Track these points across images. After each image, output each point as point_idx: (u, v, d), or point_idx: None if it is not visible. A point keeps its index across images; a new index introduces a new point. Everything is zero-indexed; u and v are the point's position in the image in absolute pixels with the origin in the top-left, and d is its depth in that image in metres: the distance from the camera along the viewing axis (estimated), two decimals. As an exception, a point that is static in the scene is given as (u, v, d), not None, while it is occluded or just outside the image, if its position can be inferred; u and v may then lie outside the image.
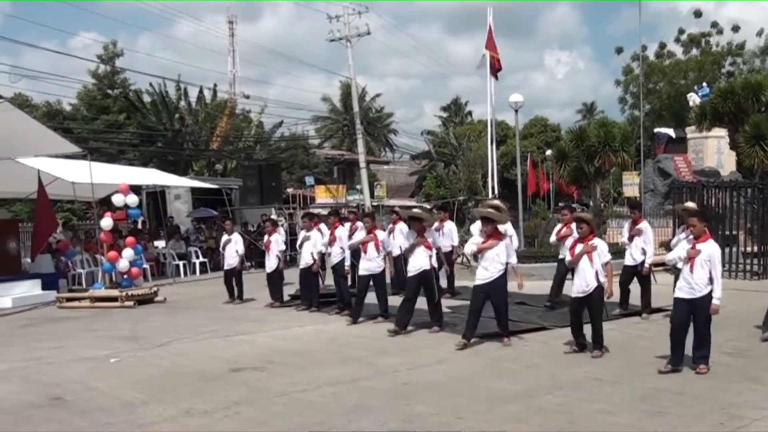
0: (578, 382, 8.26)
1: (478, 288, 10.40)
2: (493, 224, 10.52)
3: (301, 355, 10.36)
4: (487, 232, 10.45)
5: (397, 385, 8.40)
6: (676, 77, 55.09)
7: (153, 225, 27.71)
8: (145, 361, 10.32)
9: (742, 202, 18.44)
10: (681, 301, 8.59)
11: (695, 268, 8.46)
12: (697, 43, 57.22)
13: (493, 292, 10.34)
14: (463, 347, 10.21)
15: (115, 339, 12.20)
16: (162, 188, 26.94)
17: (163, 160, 40.73)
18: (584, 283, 9.47)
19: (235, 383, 8.76)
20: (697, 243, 8.59)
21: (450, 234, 15.59)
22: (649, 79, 55.31)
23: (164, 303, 16.91)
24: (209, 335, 12.25)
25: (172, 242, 24.33)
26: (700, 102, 34.24)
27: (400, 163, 71.75)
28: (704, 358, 8.52)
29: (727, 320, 11.55)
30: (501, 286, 10.42)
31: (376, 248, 12.64)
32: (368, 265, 12.70)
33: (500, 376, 8.72)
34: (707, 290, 8.45)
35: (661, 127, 42.58)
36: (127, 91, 43.08)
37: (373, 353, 10.28)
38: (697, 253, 8.47)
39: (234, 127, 47.35)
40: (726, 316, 12.04)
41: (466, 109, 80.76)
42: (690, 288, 8.49)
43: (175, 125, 42.85)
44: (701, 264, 8.45)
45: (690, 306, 8.49)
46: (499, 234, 10.55)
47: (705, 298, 8.44)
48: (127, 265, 17.35)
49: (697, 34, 57.17)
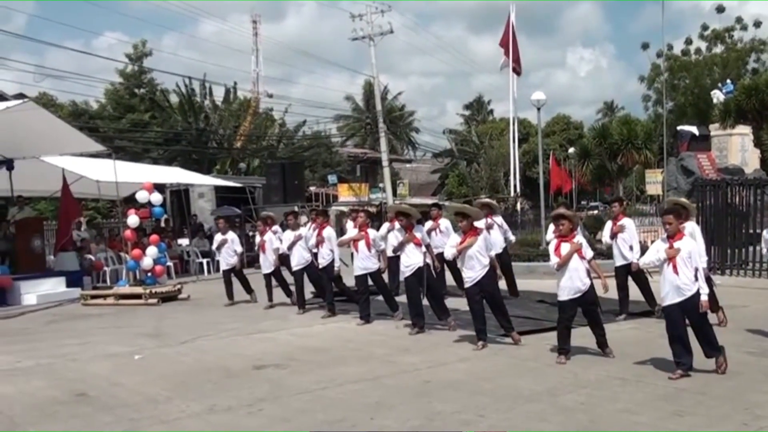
0: (601, 381, 8.20)
1: (470, 290, 10.21)
2: (469, 220, 10.30)
3: (322, 352, 10.38)
4: (463, 229, 10.21)
5: (419, 383, 8.38)
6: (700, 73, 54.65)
7: (177, 223, 27.86)
8: (168, 358, 10.38)
9: (767, 200, 18.22)
10: (672, 307, 8.27)
11: (679, 269, 8.15)
12: (721, 38, 56.70)
13: (484, 290, 10.15)
14: (481, 348, 10.11)
15: (139, 336, 12.28)
16: (186, 186, 27.09)
17: (188, 159, 40.98)
18: (579, 283, 9.10)
19: (258, 380, 8.79)
20: (674, 241, 8.30)
21: (447, 232, 14.68)
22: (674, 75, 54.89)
23: (188, 300, 17.01)
24: (232, 332, 12.31)
25: (196, 240, 24.46)
26: (724, 99, 33.94)
27: (423, 162, 71.73)
28: (717, 351, 8.32)
29: (750, 319, 11.48)
30: (490, 282, 10.25)
31: (367, 246, 12.46)
32: (364, 263, 12.49)
33: (522, 375, 8.67)
34: (696, 288, 8.16)
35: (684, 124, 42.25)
36: (154, 90, 43.38)
37: (394, 351, 10.27)
38: (676, 252, 8.17)
39: (257, 126, 47.52)
40: (749, 315, 11.99)
41: (488, 108, 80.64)
42: (678, 290, 8.18)
43: (200, 124, 43.07)
44: (683, 263, 8.15)
45: (681, 309, 8.22)
46: (475, 230, 10.28)
47: (695, 296, 8.16)
48: (151, 263, 17.45)
49: (720, 30, 56.67)
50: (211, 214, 28.17)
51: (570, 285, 9.14)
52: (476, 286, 10.13)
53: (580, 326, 10.00)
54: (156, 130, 41.72)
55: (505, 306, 10.61)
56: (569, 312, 9.26)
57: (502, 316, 10.47)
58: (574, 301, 9.21)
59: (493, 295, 10.35)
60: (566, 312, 9.26)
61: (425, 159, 71.48)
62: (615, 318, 11.72)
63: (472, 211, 10.77)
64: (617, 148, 33.17)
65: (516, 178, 37.77)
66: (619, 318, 11.87)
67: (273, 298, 15.33)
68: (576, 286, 9.12)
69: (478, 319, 10.23)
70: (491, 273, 10.25)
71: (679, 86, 55.74)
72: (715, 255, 17.93)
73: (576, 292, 9.14)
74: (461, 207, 10.52)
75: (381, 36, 41.84)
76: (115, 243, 22.11)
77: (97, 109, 42.72)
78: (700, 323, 8.33)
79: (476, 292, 10.15)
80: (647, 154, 35.97)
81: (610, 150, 33.33)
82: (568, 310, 9.26)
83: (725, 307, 11.31)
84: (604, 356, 9.30)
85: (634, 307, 12.26)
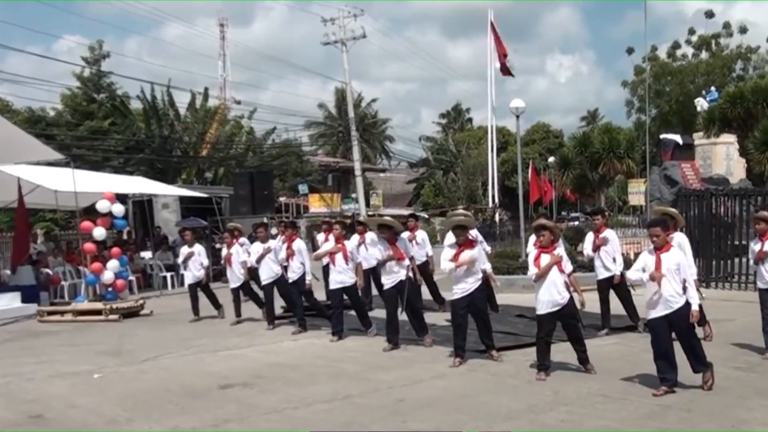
0: (582, 398, 8.22)
1: (457, 303, 10.18)
2: (465, 231, 10.32)
3: (292, 370, 10.32)
4: (459, 241, 10.20)
5: (393, 402, 8.35)
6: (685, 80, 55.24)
7: (139, 235, 27.67)
8: (130, 377, 10.28)
9: (752, 210, 18.40)
10: (659, 321, 8.26)
11: (666, 281, 8.15)
12: (708, 44, 57.32)
13: (474, 305, 10.15)
14: (458, 365, 10.09)
15: (98, 354, 12.15)
16: (149, 197, 26.92)
17: (151, 168, 40.72)
18: (558, 296, 9.12)
19: (224, 400, 8.72)
20: (661, 253, 8.30)
21: (424, 244, 14.92)
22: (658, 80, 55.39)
23: (151, 316, 16.86)
24: (197, 350, 12.21)
25: (159, 253, 24.30)
26: (708, 107, 34.31)
27: (397, 171, 71.91)
28: (705, 366, 8.35)
29: (737, 333, 11.56)
30: (481, 297, 10.27)
31: (344, 259, 12.45)
32: (340, 277, 12.48)
33: (501, 392, 8.67)
34: (683, 300, 8.21)
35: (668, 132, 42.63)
36: (113, 95, 43.07)
37: (367, 368, 10.24)
38: (661, 276, 8.13)
39: (224, 134, 47.39)
40: (736, 329, 12.07)
41: (466, 116, 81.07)
42: (665, 303, 8.19)
43: (164, 131, 42.85)
44: (671, 275, 8.17)
45: (668, 321, 8.23)
46: (472, 242, 10.32)
47: (682, 308, 8.20)
48: (111, 277, 17.30)
49: (707, 36, 57.29)
50: (175, 225, 28.00)
51: (548, 298, 9.17)
52: (465, 298, 10.09)
53: (561, 341, 10.03)
54: (117, 138, 41.41)
55: (490, 322, 10.61)
56: (548, 326, 9.27)
57: (486, 333, 10.44)
58: (553, 315, 9.22)
59: (481, 310, 10.36)
60: (545, 326, 9.27)
61: (400, 168, 71.72)
62: (597, 333, 11.76)
63: (468, 222, 10.81)
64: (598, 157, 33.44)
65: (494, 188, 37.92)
66: (602, 333, 11.91)
67: (241, 313, 15.24)
68: (554, 299, 9.14)
69: (459, 335, 10.21)
70: (483, 287, 10.29)
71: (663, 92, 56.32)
72: (700, 267, 18.00)
73: (554, 305, 9.16)
74: (459, 220, 10.54)
75: (354, 41, 42.05)
76: (73, 256, 21.91)
77: (54, 116, 42.34)
78: (687, 336, 8.36)
79: (463, 306, 10.12)
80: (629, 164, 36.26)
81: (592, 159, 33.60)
82: (546, 324, 9.26)
83: (711, 320, 11.39)
84: (586, 372, 9.31)
85: (616, 321, 12.28)
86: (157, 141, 42.16)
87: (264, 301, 14.57)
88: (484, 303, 10.47)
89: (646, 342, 8.80)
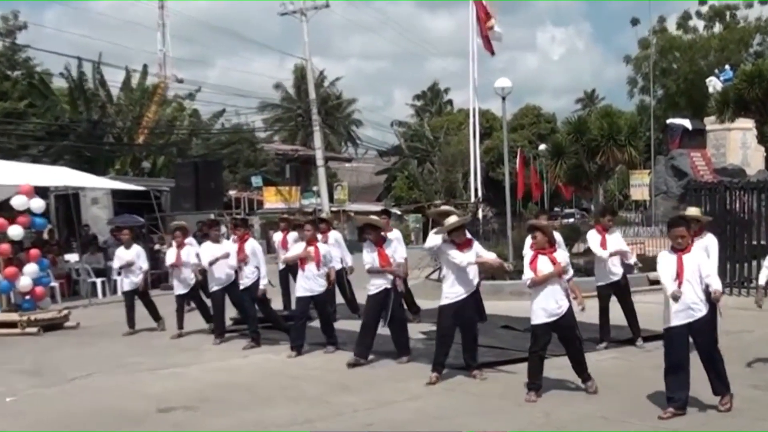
0: (579, 422, 8.25)
1: (446, 308, 10.21)
2: (463, 229, 10.37)
3: (243, 391, 10.30)
4: (458, 242, 10.23)
5: (359, 426, 8.35)
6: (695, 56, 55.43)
7: (64, 235, 27.42)
8: (51, 400, 10.20)
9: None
10: (678, 329, 8.31)
11: (688, 285, 8.21)
12: (721, 16, 57.52)
13: (465, 310, 10.20)
14: (435, 382, 10.12)
15: (12, 373, 12.04)
16: (75, 190, 26.64)
17: (78, 157, 40.32)
18: (555, 305, 9.19)
19: (164, 425, 8.69)
20: (683, 254, 8.35)
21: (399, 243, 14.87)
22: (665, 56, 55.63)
23: (77, 329, 16.72)
24: (132, 368, 12.13)
25: (87, 255, 24.08)
26: (722, 87, 34.56)
27: (365, 161, 71.88)
28: (727, 388, 8.41)
29: (755, 347, 11.66)
30: (472, 305, 10.33)
31: (317, 264, 12.40)
32: (309, 284, 12.41)
33: (484, 414, 8.69)
34: (706, 308, 8.30)
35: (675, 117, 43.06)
36: (31, 72, 42.61)
37: (330, 389, 10.23)
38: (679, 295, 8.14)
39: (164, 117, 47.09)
40: (754, 341, 12.18)
41: (444, 97, 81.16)
42: (687, 310, 8.25)
43: (94, 115, 42.46)
44: (693, 278, 8.25)
45: (689, 330, 8.30)
46: (470, 240, 10.39)
47: (706, 316, 8.31)
48: (29, 284, 17.08)
49: (721, 6, 57.47)
50: (107, 223, 27.79)
51: (545, 307, 9.21)
52: (457, 303, 10.13)
53: (554, 356, 10.07)
54: (36, 122, 40.96)
55: (477, 338, 10.61)
56: (543, 339, 9.32)
57: (471, 349, 10.46)
58: (549, 326, 9.27)
59: (472, 319, 10.41)
60: (540, 339, 9.32)
61: (368, 157, 71.71)
62: (596, 347, 11.82)
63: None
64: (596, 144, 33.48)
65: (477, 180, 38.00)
66: (600, 346, 11.98)
67: (183, 325, 15.17)
68: (552, 307, 9.20)
69: (442, 347, 10.25)
70: (477, 293, 10.32)
71: (670, 70, 56.62)
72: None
73: (551, 315, 9.20)
74: (462, 221, 10.54)
75: (315, 10, 41.89)
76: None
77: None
78: (708, 349, 8.43)
79: (451, 314, 10.16)
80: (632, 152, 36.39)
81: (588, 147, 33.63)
82: (542, 336, 9.31)
83: (726, 332, 11.45)
84: (584, 391, 9.36)
85: (616, 332, 12.37)
86: (85, 125, 41.71)
87: (213, 311, 14.50)
88: (476, 312, 10.48)
89: (648, 356, 8.86)
